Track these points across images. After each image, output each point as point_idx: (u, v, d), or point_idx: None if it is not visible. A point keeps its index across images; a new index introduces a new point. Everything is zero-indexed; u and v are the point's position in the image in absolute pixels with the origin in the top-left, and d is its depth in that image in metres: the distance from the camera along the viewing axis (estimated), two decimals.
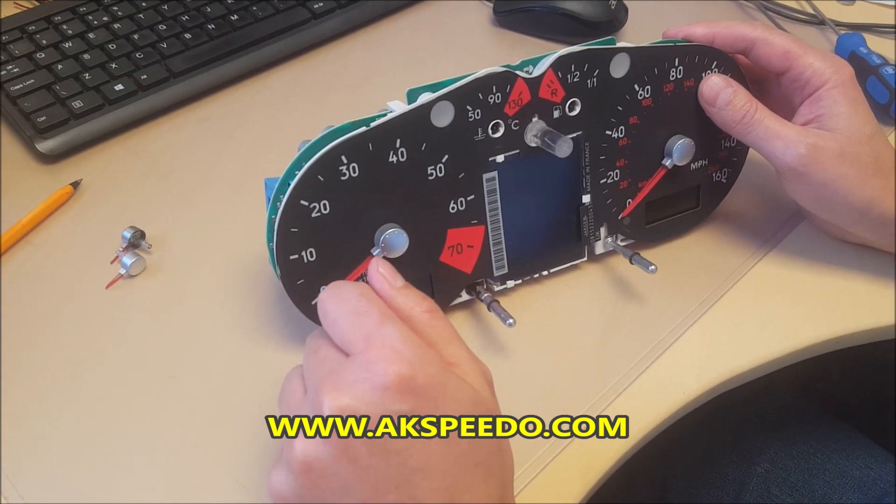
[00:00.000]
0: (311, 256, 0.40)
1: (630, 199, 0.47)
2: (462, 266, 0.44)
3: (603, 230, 0.47)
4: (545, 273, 0.47)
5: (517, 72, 0.41)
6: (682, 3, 0.68)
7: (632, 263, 0.46)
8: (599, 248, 0.48)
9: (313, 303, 0.41)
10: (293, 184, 0.38)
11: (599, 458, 0.40)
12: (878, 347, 0.48)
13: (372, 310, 0.32)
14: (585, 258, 0.48)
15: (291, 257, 0.40)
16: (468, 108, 0.40)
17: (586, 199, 0.46)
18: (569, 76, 0.42)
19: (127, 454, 0.40)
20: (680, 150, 0.45)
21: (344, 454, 0.30)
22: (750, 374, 0.44)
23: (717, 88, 0.44)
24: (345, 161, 0.39)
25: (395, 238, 0.40)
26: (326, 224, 0.40)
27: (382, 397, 0.30)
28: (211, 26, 0.63)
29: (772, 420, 0.60)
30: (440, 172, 0.41)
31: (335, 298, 0.33)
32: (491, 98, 0.41)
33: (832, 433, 0.59)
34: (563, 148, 0.41)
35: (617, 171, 0.46)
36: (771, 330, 0.45)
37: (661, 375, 0.43)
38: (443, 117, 0.40)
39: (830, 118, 0.43)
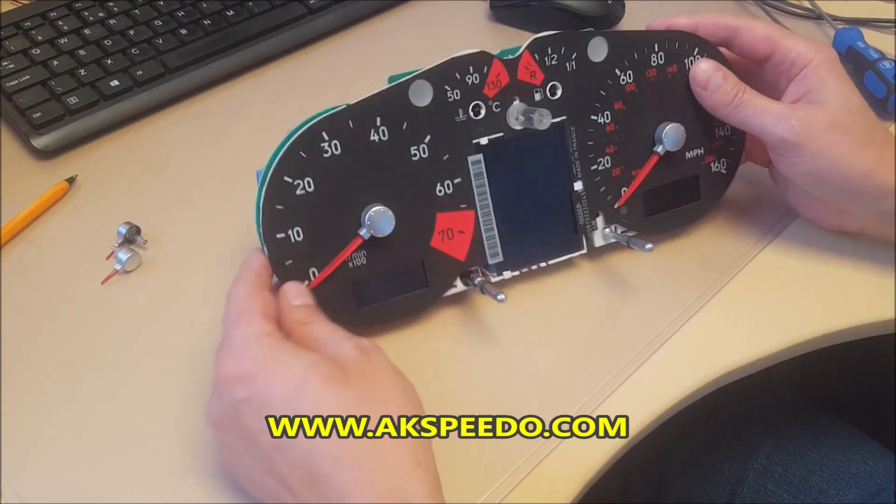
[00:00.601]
0: (298, 236, 0.40)
1: (625, 188, 0.47)
2: (455, 252, 0.44)
3: (600, 220, 0.47)
4: (543, 265, 0.47)
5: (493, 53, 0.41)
6: (679, 1, 0.68)
7: (628, 246, 0.46)
8: (599, 240, 0.47)
9: (304, 284, 0.41)
10: (276, 159, 0.39)
11: (594, 454, 0.40)
12: (877, 343, 0.48)
13: (228, 313, 0.37)
14: (584, 250, 0.47)
15: (278, 236, 0.40)
16: (446, 87, 0.41)
17: (578, 186, 0.46)
18: (546, 59, 0.43)
19: (123, 452, 0.40)
20: (669, 135, 0.45)
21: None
22: (747, 368, 0.44)
23: (708, 72, 0.45)
24: (326, 138, 0.39)
25: (381, 217, 0.40)
26: (312, 202, 0.40)
27: (225, 397, 0.35)
28: (207, 22, 0.63)
29: (769, 416, 0.60)
30: (424, 153, 0.42)
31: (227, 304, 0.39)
32: (469, 78, 0.41)
33: (830, 429, 0.59)
34: (543, 120, 0.42)
35: (607, 157, 0.46)
36: (769, 324, 0.45)
37: (657, 371, 0.43)
38: (421, 96, 0.41)
39: (818, 93, 0.44)
